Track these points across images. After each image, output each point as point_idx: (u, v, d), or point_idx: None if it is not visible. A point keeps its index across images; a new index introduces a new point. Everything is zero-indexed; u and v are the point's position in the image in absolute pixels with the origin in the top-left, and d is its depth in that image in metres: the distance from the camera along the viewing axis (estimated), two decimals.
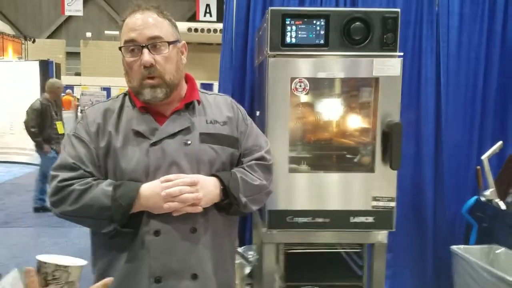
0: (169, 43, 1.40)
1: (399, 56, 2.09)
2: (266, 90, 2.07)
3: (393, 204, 2.12)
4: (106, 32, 16.07)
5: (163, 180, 1.35)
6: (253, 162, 1.53)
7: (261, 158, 1.54)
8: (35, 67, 9.25)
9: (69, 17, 16.32)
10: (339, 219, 2.12)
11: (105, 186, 1.35)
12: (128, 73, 1.42)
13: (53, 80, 6.66)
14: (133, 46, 1.38)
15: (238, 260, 2.56)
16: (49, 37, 16.92)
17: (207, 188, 1.39)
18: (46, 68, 9.41)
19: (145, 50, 1.36)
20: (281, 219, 2.10)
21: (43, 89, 9.03)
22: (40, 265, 0.97)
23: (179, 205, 1.33)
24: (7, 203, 6.77)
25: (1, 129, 9.44)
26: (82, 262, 1.02)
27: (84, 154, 1.41)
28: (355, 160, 2.29)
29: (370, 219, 2.12)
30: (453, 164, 3.00)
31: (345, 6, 2.92)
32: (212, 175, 1.43)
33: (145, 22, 1.38)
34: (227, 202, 1.44)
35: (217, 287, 1.47)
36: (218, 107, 1.54)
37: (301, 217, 2.10)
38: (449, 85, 2.97)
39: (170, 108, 1.45)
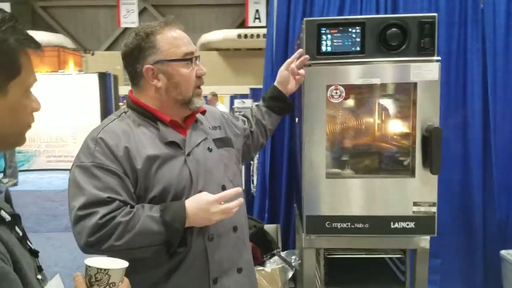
0: None
1: (437, 61, 2.07)
2: (302, 98, 2.12)
3: (434, 209, 2.10)
4: None
5: (219, 198, 1.39)
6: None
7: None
8: (94, 79, 9.76)
9: (125, 29, 16.99)
10: (379, 224, 2.12)
11: (149, 212, 1.36)
12: (180, 85, 1.47)
13: None
14: (191, 57, 1.47)
15: (280, 264, 2.62)
16: (107, 49, 17.71)
17: None
18: (104, 80, 9.89)
19: (199, 62, 1.49)
20: (320, 224, 2.13)
21: (102, 101, 9.53)
22: (86, 268, 1.07)
23: (226, 215, 1.41)
24: None
25: (64, 138, 9.99)
26: (123, 264, 1.08)
27: (115, 183, 1.36)
28: (395, 165, 2.28)
29: (411, 225, 2.11)
30: (503, 165, 2.92)
31: (385, 10, 2.92)
32: None
33: (184, 35, 1.49)
34: None
35: (253, 273, 1.66)
36: (211, 114, 1.68)
37: (340, 223, 2.13)
38: (497, 85, 2.89)
39: (186, 120, 1.56)
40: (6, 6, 14.68)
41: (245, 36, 14.72)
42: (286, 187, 3.01)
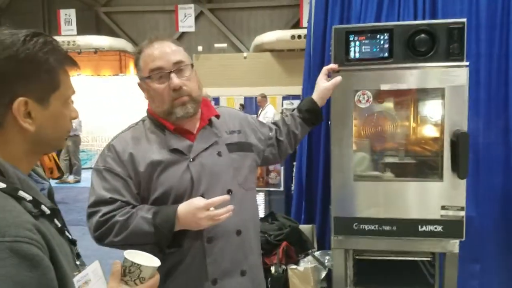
0: (191, 65, 1.58)
1: (466, 66, 2.08)
2: (331, 102, 2.20)
3: (462, 213, 2.11)
4: (215, 45, 17.02)
5: (206, 205, 1.47)
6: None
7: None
8: None
9: (183, 33, 17.52)
10: (406, 227, 2.16)
11: (145, 213, 1.49)
12: (155, 99, 1.58)
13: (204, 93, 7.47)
14: (161, 73, 1.54)
15: (313, 263, 2.70)
16: None
17: None
18: None
19: (173, 75, 1.53)
20: (348, 225, 2.20)
21: None
22: (124, 260, 1.21)
23: (214, 221, 1.49)
24: None
25: None
26: (156, 263, 1.20)
27: (119, 186, 1.52)
28: (424, 168, 2.31)
29: (439, 228, 2.13)
30: None
31: (423, 14, 2.92)
32: None
33: (164, 51, 1.55)
34: None
35: (260, 278, 1.70)
36: (231, 118, 1.74)
37: (368, 224, 2.19)
38: None
39: (194, 125, 1.63)
40: (72, 12, 15.61)
41: (299, 36, 14.71)
42: (322, 188, 3.08)
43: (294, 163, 3.89)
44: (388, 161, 2.38)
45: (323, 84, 2.02)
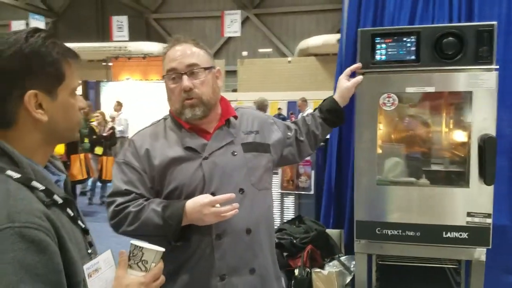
0: (205, 68, 1.63)
1: (495, 69, 2.02)
2: (356, 105, 2.19)
3: (489, 221, 2.04)
4: (260, 50, 17.15)
5: (210, 202, 1.52)
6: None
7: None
8: None
9: (228, 38, 17.77)
10: (431, 233, 2.11)
11: (155, 206, 1.56)
12: (170, 98, 1.66)
13: (261, 98, 7.57)
14: (174, 74, 1.61)
15: (339, 268, 2.68)
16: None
17: None
18: None
19: (185, 77, 1.59)
20: (370, 230, 2.18)
21: None
22: (130, 246, 1.28)
23: (219, 218, 1.53)
24: None
25: None
26: (158, 248, 1.25)
27: (135, 178, 1.61)
28: (450, 174, 2.25)
29: (464, 235, 2.07)
30: None
31: (459, 17, 2.84)
32: None
33: (183, 53, 1.61)
34: None
35: (272, 276, 1.69)
36: (251, 119, 1.77)
37: (391, 229, 2.15)
38: None
39: (212, 125, 1.68)
40: (124, 19, 16.19)
41: None
42: (351, 193, 3.05)
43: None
44: (410, 166, 2.33)
45: (344, 84, 2.04)
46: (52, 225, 1.05)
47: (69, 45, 1.17)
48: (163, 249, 1.25)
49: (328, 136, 3.25)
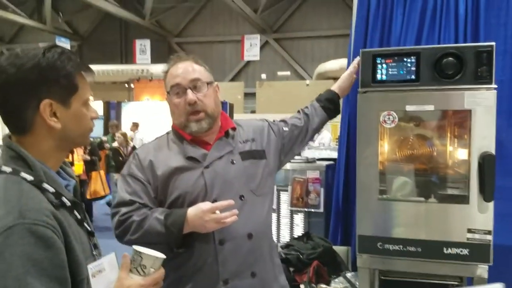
0: (207, 83, 1.73)
1: (495, 89, 2.07)
2: (357, 122, 2.26)
3: (489, 237, 2.07)
4: (278, 73, 17.34)
5: (209, 209, 1.61)
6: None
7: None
8: None
9: (248, 61, 18.02)
10: (431, 249, 2.14)
11: (158, 214, 1.64)
12: (174, 112, 1.76)
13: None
14: (178, 89, 1.71)
15: (344, 284, 2.70)
16: (231, 80, 18.95)
17: None
18: (223, 108, 10.68)
19: (189, 91, 1.70)
20: (372, 244, 2.22)
21: None
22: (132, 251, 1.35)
23: (219, 224, 1.61)
24: None
25: None
26: (158, 254, 1.30)
27: (139, 189, 1.69)
28: (450, 190, 2.28)
29: (465, 252, 2.10)
30: None
31: (465, 38, 2.90)
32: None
33: (185, 70, 1.73)
34: None
35: (272, 279, 1.77)
36: (249, 128, 1.86)
37: (392, 244, 2.19)
38: None
39: (212, 137, 1.77)
40: (147, 42, 16.61)
41: None
42: None
43: None
44: (411, 182, 2.37)
45: (345, 77, 2.24)
46: (59, 224, 1.14)
47: (93, 67, 1.31)
48: (163, 256, 1.31)
49: (336, 155, 3.33)
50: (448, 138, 2.39)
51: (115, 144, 8.13)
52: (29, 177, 1.16)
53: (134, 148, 8.46)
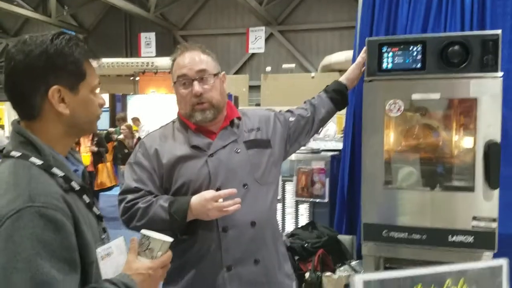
0: (214, 74, 1.74)
1: (500, 77, 2.07)
2: (363, 111, 2.26)
3: (494, 225, 2.07)
4: (283, 65, 17.30)
5: (213, 198, 1.62)
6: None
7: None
8: None
9: (252, 54, 17.99)
10: (436, 236, 2.15)
11: (163, 202, 1.67)
12: (180, 102, 1.77)
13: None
14: (185, 80, 1.72)
15: (349, 272, 2.72)
16: (235, 73, 18.93)
17: None
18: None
19: (195, 83, 1.70)
20: (377, 232, 2.23)
21: None
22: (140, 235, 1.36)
23: (222, 212, 1.63)
24: None
25: None
26: (166, 238, 1.33)
27: (145, 177, 1.72)
28: (456, 179, 2.29)
29: (469, 239, 2.10)
30: None
31: (471, 27, 2.89)
32: None
33: (192, 60, 1.72)
34: None
35: (276, 267, 1.78)
36: (254, 117, 1.87)
37: (397, 232, 2.20)
38: None
39: (217, 126, 1.78)
40: (152, 36, 16.60)
41: None
42: None
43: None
44: (417, 170, 2.38)
45: (354, 68, 2.23)
46: (68, 207, 1.16)
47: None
48: (170, 239, 1.32)
49: (342, 147, 3.33)
50: (453, 128, 2.39)
51: (121, 137, 8.13)
52: (38, 162, 1.18)
53: (139, 138, 8.45)
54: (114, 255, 1.31)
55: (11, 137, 1.25)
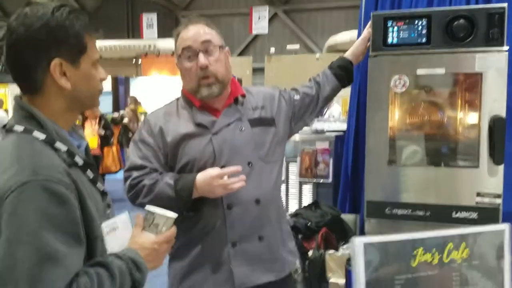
0: (219, 46, 1.71)
1: (506, 51, 2.04)
2: (368, 86, 2.24)
3: (499, 201, 2.07)
4: (288, 46, 17.15)
5: (218, 175, 1.62)
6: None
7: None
8: None
9: (256, 36, 17.82)
10: (440, 213, 2.15)
11: (168, 179, 1.67)
12: (185, 76, 1.74)
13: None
14: (189, 53, 1.69)
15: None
16: (239, 55, 18.80)
17: None
18: None
19: (201, 54, 1.67)
20: (380, 210, 2.23)
21: None
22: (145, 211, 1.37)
23: (227, 190, 1.63)
24: None
25: None
26: (170, 213, 1.33)
27: (149, 154, 1.72)
28: (460, 155, 2.28)
29: (473, 215, 2.10)
30: None
31: (477, 1, 2.84)
32: None
33: (197, 32, 1.70)
34: None
35: (279, 244, 1.79)
36: (259, 95, 1.84)
37: (401, 209, 2.20)
38: None
39: (221, 103, 1.76)
40: (154, 16, 16.47)
41: None
42: None
43: None
44: (421, 146, 2.37)
45: (359, 43, 2.20)
46: (72, 181, 1.16)
47: (101, 42, 1.30)
48: (174, 215, 1.33)
49: (345, 127, 3.31)
50: (458, 105, 2.37)
51: (125, 121, 8.05)
52: (42, 136, 1.18)
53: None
54: (119, 230, 1.31)
55: (14, 111, 1.25)
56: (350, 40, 15.17)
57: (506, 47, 2.04)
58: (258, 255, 1.74)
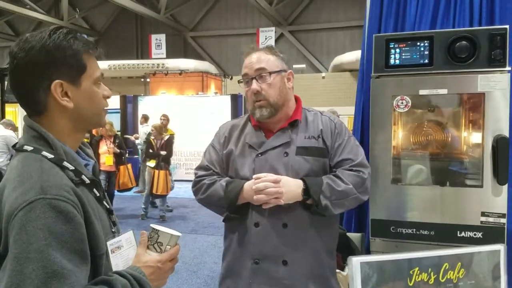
0: (271, 72, 1.80)
1: (509, 71, 2.06)
2: (371, 108, 2.27)
3: (503, 220, 2.06)
4: (294, 66, 17.28)
5: (255, 177, 1.74)
6: (344, 170, 1.78)
7: (352, 169, 1.79)
8: (227, 101, 10.68)
9: None
10: (445, 232, 2.15)
11: (223, 182, 1.83)
12: (247, 99, 1.89)
13: (332, 110, 7.90)
14: (247, 79, 1.83)
15: None
16: None
17: (289, 186, 1.73)
18: (236, 101, 10.78)
19: (254, 81, 1.80)
20: (384, 228, 2.23)
21: (234, 118, 10.35)
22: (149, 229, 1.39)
23: (264, 197, 1.70)
24: (198, 214, 7.96)
25: (200, 153, 11.00)
26: (174, 232, 1.35)
27: (215, 159, 1.92)
28: (464, 174, 2.28)
29: (478, 235, 2.10)
30: None
31: (480, 21, 2.87)
32: (300, 178, 1.75)
33: (254, 59, 1.82)
34: (309, 203, 1.73)
35: (308, 275, 1.77)
36: (316, 124, 1.87)
37: (405, 228, 2.20)
38: None
39: (277, 126, 1.86)
40: (162, 37, 16.68)
41: None
42: None
43: None
44: (425, 166, 2.37)
45: None
46: (79, 200, 1.18)
47: (110, 62, 1.33)
48: (178, 234, 1.35)
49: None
50: (462, 124, 2.38)
51: (151, 137, 7.82)
52: (50, 155, 1.20)
53: (168, 140, 7.86)
54: (124, 248, 1.33)
55: (24, 131, 1.28)
56: (356, 59, 15.24)
57: (508, 68, 2.06)
58: (279, 279, 1.77)
